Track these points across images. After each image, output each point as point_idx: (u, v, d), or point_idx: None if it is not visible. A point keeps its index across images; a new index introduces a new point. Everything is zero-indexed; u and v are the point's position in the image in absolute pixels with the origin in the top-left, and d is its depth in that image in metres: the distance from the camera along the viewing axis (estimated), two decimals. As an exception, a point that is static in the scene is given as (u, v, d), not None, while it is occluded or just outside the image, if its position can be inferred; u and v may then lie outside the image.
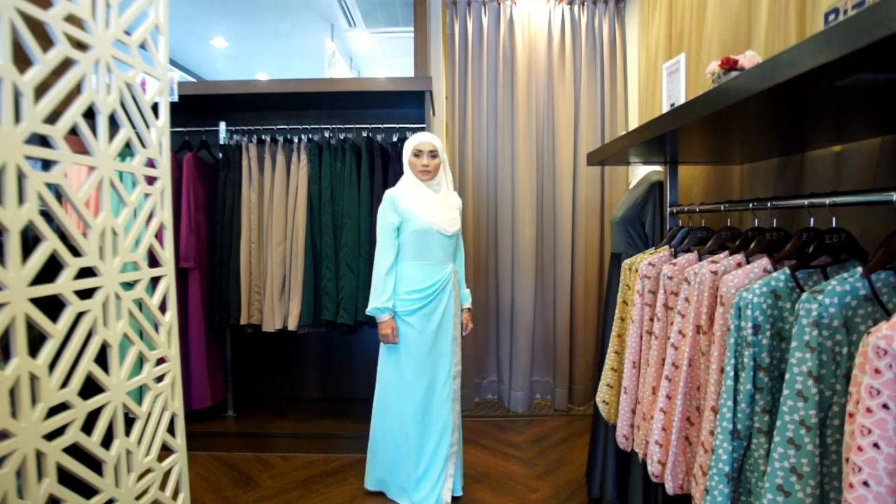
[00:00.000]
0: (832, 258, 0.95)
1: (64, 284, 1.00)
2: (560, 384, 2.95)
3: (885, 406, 0.61)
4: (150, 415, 1.27)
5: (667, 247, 1.40)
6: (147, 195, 1.30)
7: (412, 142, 1.97)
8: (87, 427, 1.05)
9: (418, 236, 1.93)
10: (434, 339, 1.96)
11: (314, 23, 4.38)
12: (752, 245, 1.10)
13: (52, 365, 0.97)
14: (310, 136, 2.57)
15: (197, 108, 2.63)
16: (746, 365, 0.90)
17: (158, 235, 1.35)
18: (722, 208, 1.27)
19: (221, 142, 2.58)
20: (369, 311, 1.95)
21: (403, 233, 1.94)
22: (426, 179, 1.97)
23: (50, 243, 0.96)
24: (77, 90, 1.04)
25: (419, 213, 1.92)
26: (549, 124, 2.90)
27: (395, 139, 2.54)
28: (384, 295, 1.92)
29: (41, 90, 0.95)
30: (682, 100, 1.37)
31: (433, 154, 1.96)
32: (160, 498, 1.30)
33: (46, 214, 0.97)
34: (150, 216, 1.32)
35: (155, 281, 1.34)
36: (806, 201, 0.97)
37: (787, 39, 1.34)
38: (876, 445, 0.62)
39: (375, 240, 1.99)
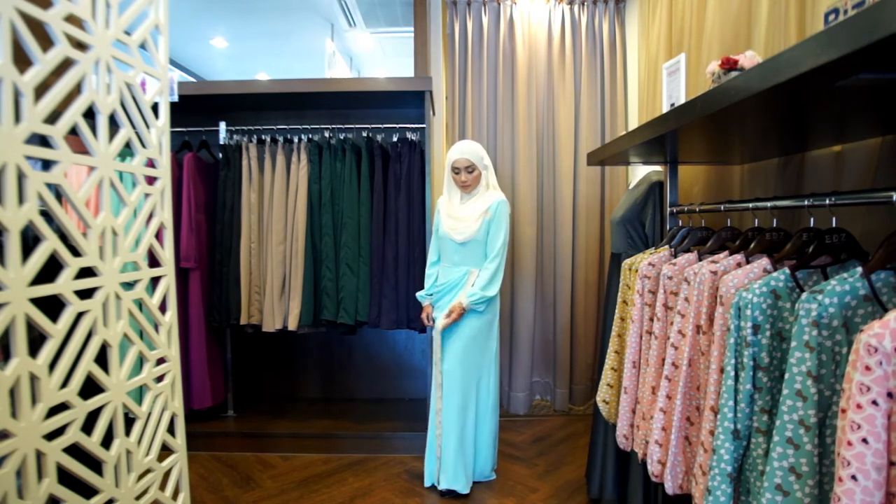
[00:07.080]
0: (832, 258, 0.95)
1: (64, 284, 1.00)
2: (560, 384, 2.94)
3: (874, 402, 0.62)
4: (150, 415, 1.27)
5: (667, 247, 1.40)
6: (147, 195, 1.30)
7: (448, 159, 2.11)
8: (88, 427, 1.05)
9: (441, 241, 2.16)
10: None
11: (314, 23, 4.38)
12: (752, 245, 1.10)
13: (52, 365, 0.97)
14: (310, 136, 2.57)
15: (197, 108, 2.62)
16: (746, 365, 0.90)
17: (158, 235, 1.35)
18: (722, 208, 1.27)
19: (221, 142, 2.58)
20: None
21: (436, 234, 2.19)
22: (466, 192, 2.12)
23: (50, 243, 0.96)
24: (77, 90, 1.04)
25: (442, 220, 2.14)
26: (549, 124, 2.90)
27: (395, 139, 2.54)
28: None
29: (41, 90, 0.95)
30: (682, 100, 1.37)
31: (469, 169, 2.06)
32: (160, 498, 1.30)
33: (46, 214, 0.97)
34: (151, 216, 1.32)
35: (155, 281, 1.34)
36: (806, 201, 0.97)
37: (787, 39, 1.34)
38: (865, 440, 0.63)
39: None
